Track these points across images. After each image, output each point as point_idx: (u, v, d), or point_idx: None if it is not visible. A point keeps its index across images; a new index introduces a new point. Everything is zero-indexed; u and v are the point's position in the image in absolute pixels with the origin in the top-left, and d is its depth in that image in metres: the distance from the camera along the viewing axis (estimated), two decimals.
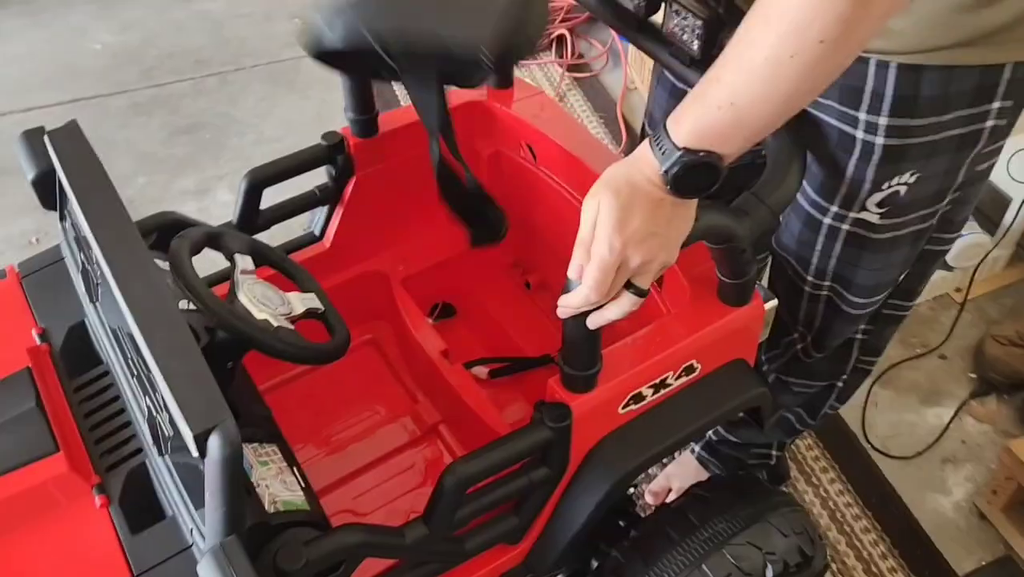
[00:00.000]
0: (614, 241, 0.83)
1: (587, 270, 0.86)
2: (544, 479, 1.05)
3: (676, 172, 0.81)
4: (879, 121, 0.99)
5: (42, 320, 1.08)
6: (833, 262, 1.16)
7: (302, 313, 1.07)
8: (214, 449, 0.75)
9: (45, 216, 2.22)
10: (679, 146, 0.80)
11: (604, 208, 0.84)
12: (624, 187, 0.84)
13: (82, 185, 0.94)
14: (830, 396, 1.40)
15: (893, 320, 1.29)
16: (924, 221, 1.11)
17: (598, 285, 0.86)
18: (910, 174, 1.03)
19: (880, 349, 1.35)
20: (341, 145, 1.36)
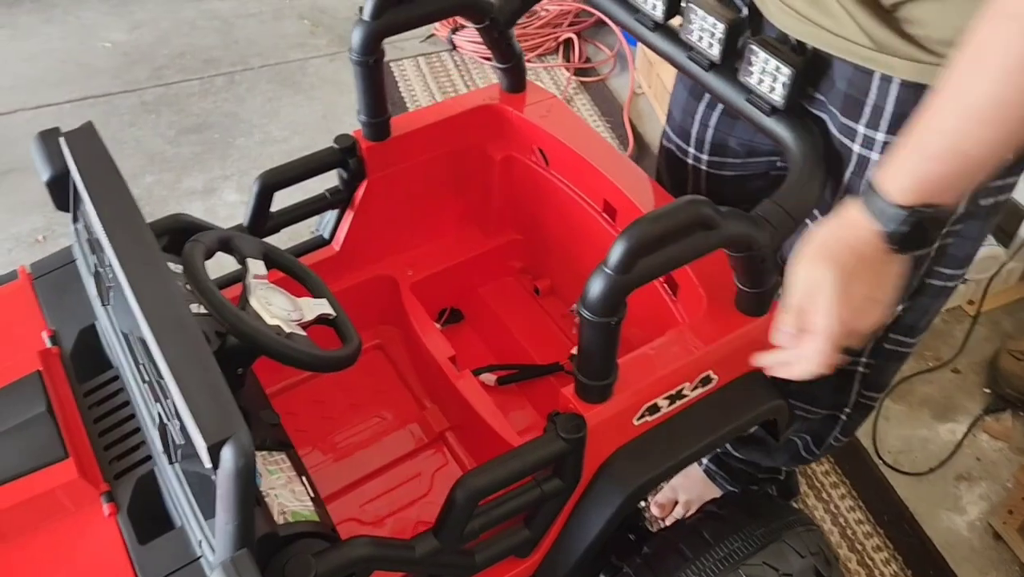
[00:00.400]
0: (843, 314, 0.82)
1: (810, 343, 0.85)
2: (556, 491, 1.04)
3: (904, 233, 0.79)
4: (876, 136, 0.97)
5: (53, 322, 1.06)
6: None
7: (314, 319, 1.06)
8: (227, 461, 0.73)
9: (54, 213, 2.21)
10: (899, 204, 0.78)
11: (828, 280, 0.82)
12: (845, 255, 0.82)
13: (97, 187, 0.93)
14: (834, 428, 1.37)
15: (895, 356, 1.25)
16: None
17: (826, 359, 0.85)
18: None
19: (883, 385, 1.31)
20: (353, 148, 1.34)
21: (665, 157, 1.38)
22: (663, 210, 0.90)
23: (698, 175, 1.32)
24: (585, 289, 0.90)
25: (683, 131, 1.31)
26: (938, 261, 1.11)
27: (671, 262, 0.90)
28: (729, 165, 1.28)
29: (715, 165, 1.29)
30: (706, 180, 1.31)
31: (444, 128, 1.41)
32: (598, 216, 1.36)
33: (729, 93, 1.07)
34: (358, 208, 1.39)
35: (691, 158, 1.31)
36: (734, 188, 1.30)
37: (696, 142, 1.28)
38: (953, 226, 1.06)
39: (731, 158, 1.26)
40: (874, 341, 1.22)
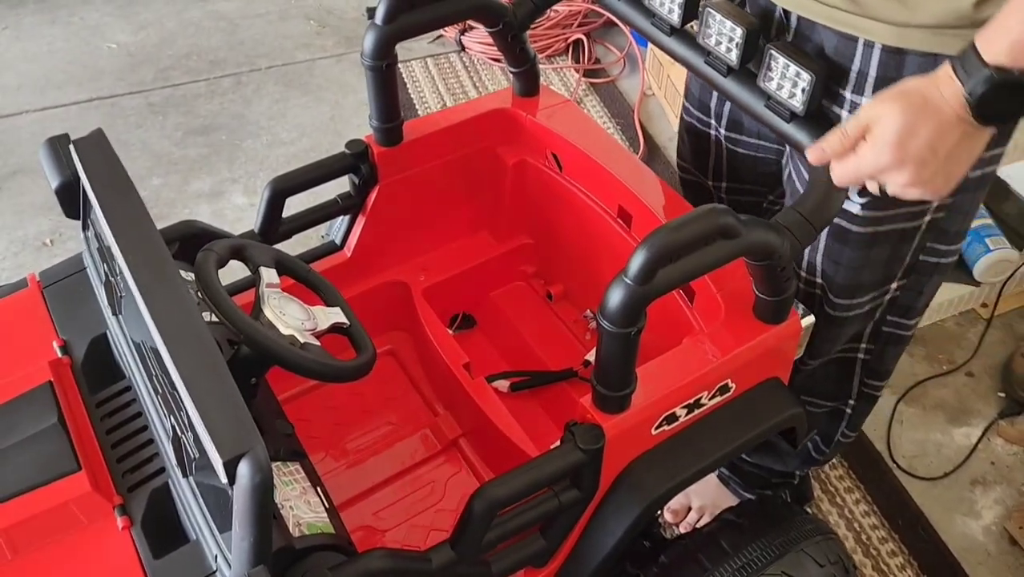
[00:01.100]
0: (893, 152, 0.80)
1: (847, 163, 0.85)
2: (574, 501, 1.03)
3: (983, 92, 0.76)
4: (861, 101, 0.98)
5: (63, 332, 1.05)
6: (819, 257, 1.14)
7: (327, 328, 1.05)
8: (243, 476, 0.72)
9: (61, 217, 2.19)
10: (990, 64, 0.76)
11: (891, 115, 0.80)
12: (917, 99, 0.80)
13: (107, 195, 0.92)
14: (841, 423, 1.37)
15: (894, 340, 1.25)
16: (908, 221, 1.08)
17: (846, 181, 0.87)
18: None
19: (884, 373, 1.31)
20: (365, 154, 1.33)
21: (686, 130, 1.39)
22: (684, 219, 0.89)
23: (719, 146, 1.33)
24: (604, 299, 0.89)
25: (702, 104, 1.32)
26: (931, 237, 1.11)
27: (692, 272, 0.89)
28: (743, 143, 1.29)
29: (731, 141, 1.30)
30: (727, 153, 1.32)
31: (456, 132, 1.40)
32: (612, 221, 1.35)
33: (747, 99, 1.06)
34: (370, 213, 1.38)
35: (712, 129, 1.32)
36: (750, 165, 1.31)
37: (715, 115, 1.30)
38: (947, 199, 1.06)
39: (745, 136, 1.28)
40: (872, 326, 1.23)
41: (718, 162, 1.35)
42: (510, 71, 1.41)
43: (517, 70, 1.39)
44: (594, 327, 1.51)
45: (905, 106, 0.80)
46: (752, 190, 1.35)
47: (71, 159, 1.03)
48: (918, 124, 0.80)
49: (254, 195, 2.26)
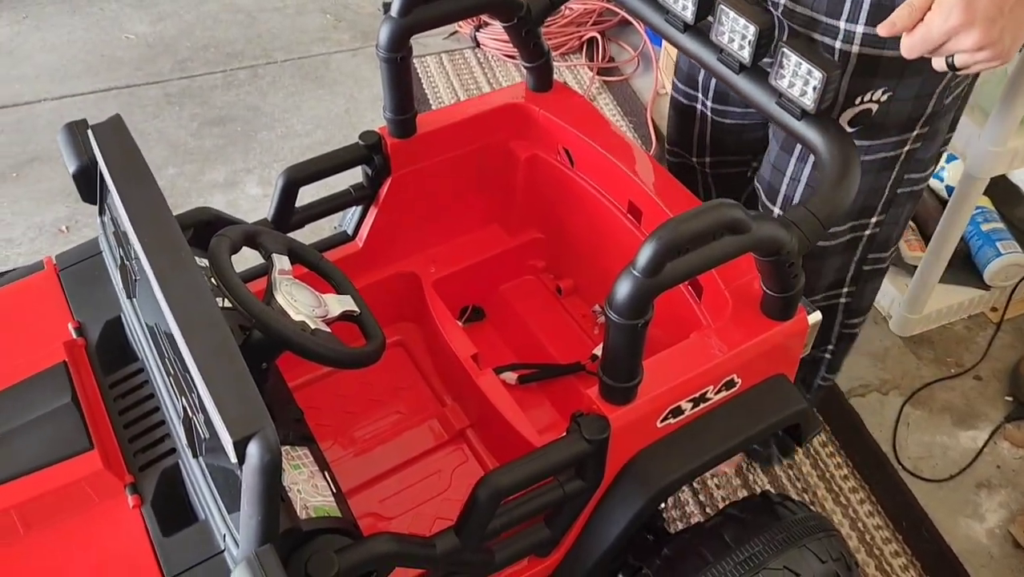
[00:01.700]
0: (962, 12, 0.83)
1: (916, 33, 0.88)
2: (578, 491, 1.03)
3: None
4: (856, 29, 1.03)
5: (78, 314, 1.07)
6: (800, 188, 1.19)
7: (338, 316, 1.06)
8: (253, 457, 0.73)
9: (77, 204, 2.24)
10: None
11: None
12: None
13: (125, 180, 0.93)
14: (819, 369, 1.40)
15: (874, 275, 1.32)
16: (893, 149, 1.14)
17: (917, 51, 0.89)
18: (882, 91, 1.07)
19: (864, 309, 1.37)
20: (378, 145, 1.34)
21: (672, 107, 1.44)
22: (692, 212, 0.90)
23: (704, 121, 1.37)
24: (612, 291, 0.90)
25: (690, 78, 1.37)
26: (906, 168, 1.18)
27: (700, 265, 0.90)
28: (731, 114, 1.33)
29: (718, 113, 1.34)
30: (711, 127, 1.37)
31: (470, 126, 1.41)
32: (623, 217, 1.36)
33: (759, 96, 1.07)
34: (382, 205, 1.39)
35: (699, 103, 1.36)
36: (735, 136, 1.35)
37: (702, 88, 1.34)
38: (921, 128, 1.13)
39: (732, 107, 1.32)
40: (854, 267, 1.29)
41: (702, 137, 1.39)
42: (524, 66, 1.42)
43: (531, 65, 1.40)
44: (602, 322, 1.52)
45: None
46: (736, 161, 1.39)
47: (89, 144, 1.05)
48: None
49: (268, 186, 2.28)
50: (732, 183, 1.47)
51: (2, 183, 2.25)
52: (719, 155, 1.41)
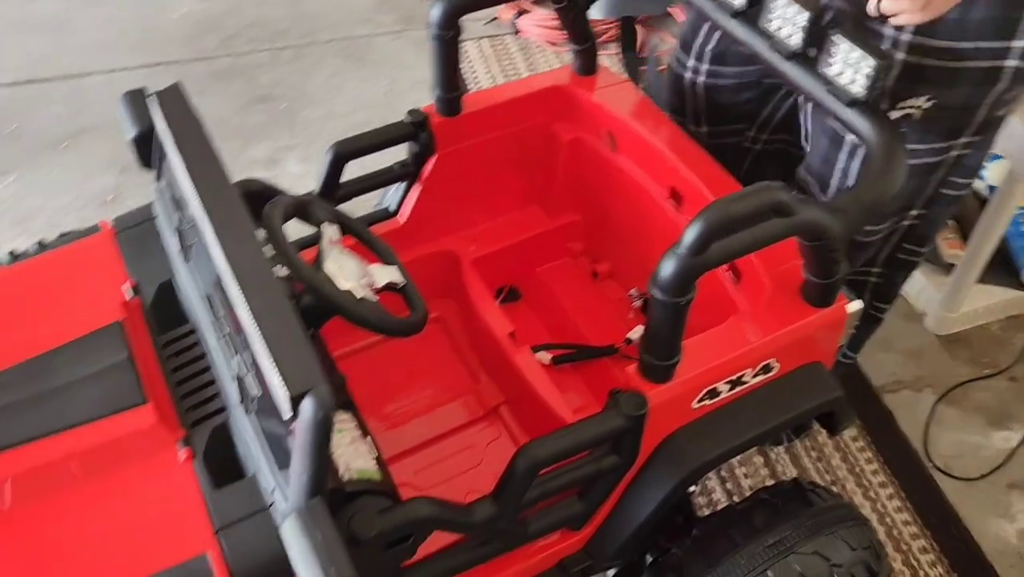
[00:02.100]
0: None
1: None
2: (613, 467, 1.05)
3: None
4: (901, 37, 1.06)
5: (134, 275, 1.10)
6: (850, 183, 1.21)
7: (383, 286, 1.09)
8: (307, 412, 0.76)
9: (123, 175, 2.29)
10: None
11: None
12: None
13: (185, 145, 0.96)
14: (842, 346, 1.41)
15: (907, 265, 1.35)
16: (938, 155, 1.16)
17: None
18: (926, 99, 1.09)
19: (891, 295, 1.39)
20: (425, 123, 1.37)
21: (670, 74, 1.47)
22: (739, 194, 0.91)
23: (699, 88, 1.41)
24: (657, 269, 0.91)
25: (685, 44, 1.40)
26: (953, 172, 1.21)
27: (745, 246, 0.91)
28: (726, 74, 1.36)
29: (713, 75, 1.37)
30: (706, 92, 1.40)
31: (514, 107, 1.43)
32: (664, 202, 1.37)
33: (807, 83, 1.07)
34: (425, 182, 1.41)
35: (689, 71, 1.40)
36: (731, 99, 1.38)
37: (697, 54, 1.37)
38: (972, 136, 1.16)
39: (729, 66, 1.35)
40: (887, 251, 1.31)
41: (697, 104, 1.43)
42: (571, 48, 1.43)
43: (578, 48, 1.41)
44: (638, 306, 1.53)
45: None
46: (732, 130, 1.42)
47: (148, 112, 1.08)
48: None
49: (309, 164, 2.31)
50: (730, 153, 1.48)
51: (53, 152, 2.31)
52: (715, 124, 1.43)
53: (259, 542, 0.87)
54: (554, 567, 1.15)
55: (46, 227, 2.12)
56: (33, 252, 1.15)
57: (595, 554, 1.16)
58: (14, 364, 0.99)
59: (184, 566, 0.86)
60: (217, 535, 0.87)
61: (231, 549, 0.87)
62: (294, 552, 0.77)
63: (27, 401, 0.95)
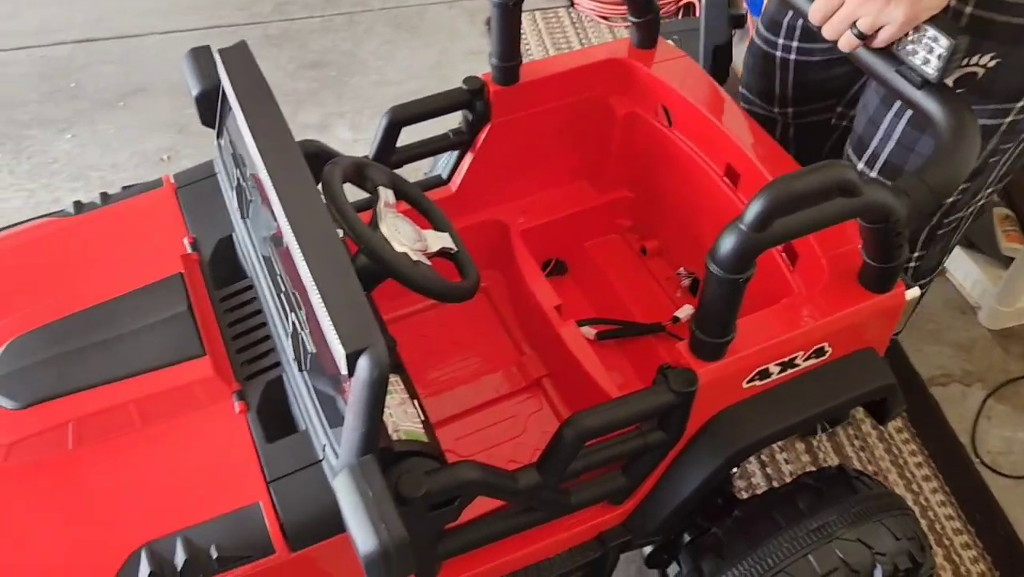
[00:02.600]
0: None
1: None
2: (659, 443, 1.05)
3: None
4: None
5: (193, 230, 1.12)
6: (890, 145, 1.17)
7: (436, 252, 1.09)
8: (363, 370, 0.77)
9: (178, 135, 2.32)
10: None
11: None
12: None
13: (250, 104, 0.97)
14: None
15: (945, 239, 1.31)
16: (994, 117, 1.11)
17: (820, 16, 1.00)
18: (990, 57, 1.05)
19: (931, 271, 1.36)
20: (481, 91, 1.36)
21: (754, 55, 1.43)
22: (805, 171, 0.89)
23: (788, 66, 1.37)
24: (715, 244, 0.90)
25: (774, 23, 1.36)
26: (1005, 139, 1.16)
27: (808, 225, 0.89)
28: (818, 51, 1.32)
29: (804, 52, 1.34)
30: (795, 70, 1.37)
31: (571, 78, 1.42)
32: (719, 180, 1.35)
33: (877, 64, 1.04)
34: (479, 151, 1.41)
35: (780, 49, 1.36)
36: (822, 76, 1.34)
37: (787, 30, 1.34)
38: None
39: (820, 42, 1.30)
40: (927, 232, 1.28)
41: (784, 84, 1.39)
42: (630, 20, 1.41)
43: (638, 20, 1.40)
44: (686, 285, 1.52)
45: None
46: (821, 108, 1.38)
47: (212, 69, 1.09)
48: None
49: (359, 131, 2.32)
50: (815, 132, 1.44)
51: (110, 111, 2.35)
52: (803, 103, 1.39)
53: (310, 495, 0.89)
54: (593, 540, 1.16)
55: (102, 185, 2.17)
56: (97, 204, 1.17)
57: (634, 529, 1.16)
58: (78, 311, 1.02)
59: (237, 514, 0.88)
60: (269, 486, 0.89)
61: (282, 500, 0.89)
62: (345, 506, 0.78)
63: (90, 348, 0.97)
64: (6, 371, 0.95)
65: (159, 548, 0.85)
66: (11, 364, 0.96)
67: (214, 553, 0.85)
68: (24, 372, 0.95)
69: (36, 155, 2.25)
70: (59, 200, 2.14)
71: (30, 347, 0.97)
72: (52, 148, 2.26)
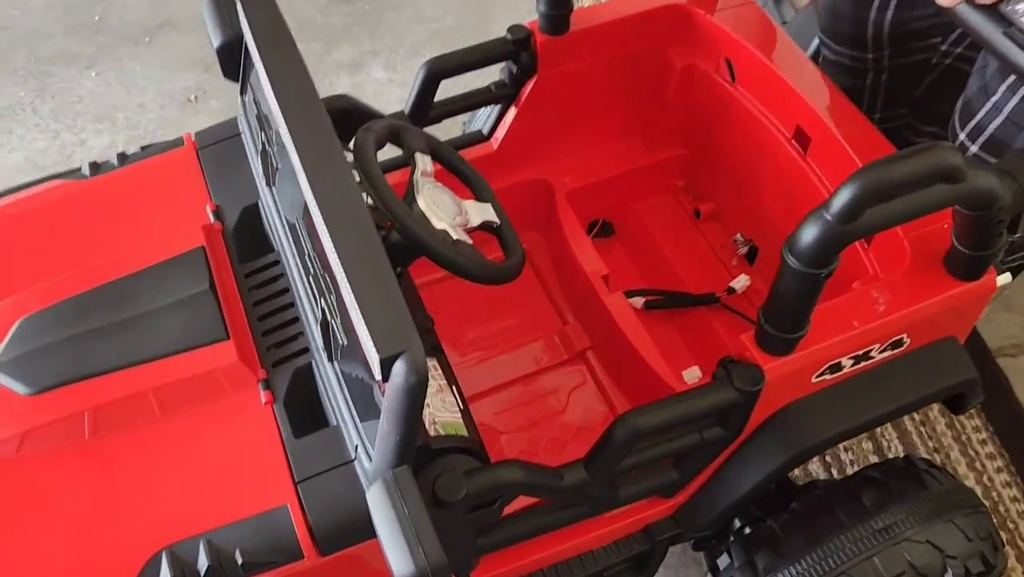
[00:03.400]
0: None
1: None
2: (716, 439, 0.97)
3: None
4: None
5: (216, 196, 1.04)
6: (999, 120, 1.07)
7: (478, 225, 1.00)
8: (399, 376, 0.69)
9: (205, 74, 2.21)
10: None
11: None
12: None
13: (273, 61, 0.87)
14: None
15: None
16: None
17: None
18: None
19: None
20: (527, 41, 1.24)
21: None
22: (902, 154, 0.78)
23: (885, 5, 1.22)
24: (795, 234, 0.80)
25: None
26: None
27: (903, 215, 0.79)
28: None
29: None
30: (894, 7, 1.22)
31: (626, 27, 1.29)
32: (786, 143, 1.23)
33: (983, 26, 0.91)
34: (523, 106, 1.30)
35: None
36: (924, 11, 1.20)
37: None
38: None
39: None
40: None
41: (878, 26, 1.24)
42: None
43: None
44: (743, 253, 1.41)
45: None
46: (922, 47, 1.23)
47: (235, 18, 0.99)
48: None
49: (394, 71, 2.20)
50: (910, 76, 1.30)
51: (135, 47, 2.25)
52: (902, 42, 1.25)
53: (340, 496, 0.83)
54: (640, 532, 1.09)
55: (128, 126, 2.09)
56: (114, 164, 1.09)
57: (684, 523, 1.09)
58: (93, 287, 0.95)
59: (264, 516, 0.82)
60: (297, 487, 0.83)
61: (311, 502, 0.83)
62: (379, 522, 0.71)
63: (106, 329, 0.91)
64: (18, 353, 0.89)
65: (181, 551, 0.80)
66: (23, 345, 0.90)
67: (239, 558, 0.80)
68: (37, 354, 0.89)
69: (60, 93, 2.17)
70: (84, 142, 2.07)
71: (43, 327, 0.91)
72: (76, 86, 2.18)
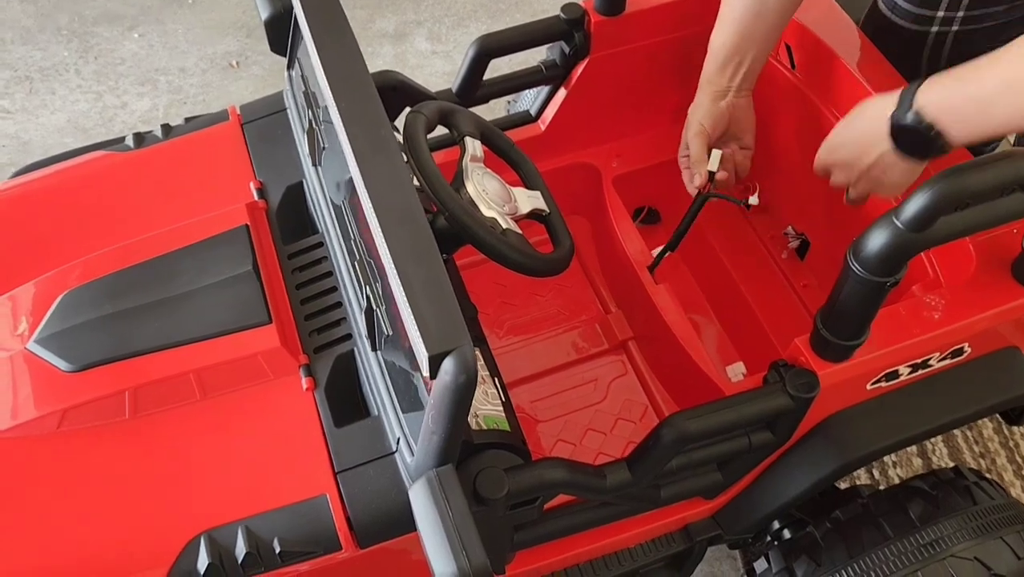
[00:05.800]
0: (822, 156, 1.03)
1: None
2: (764, 444, 0.94)
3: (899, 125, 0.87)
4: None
5: (260, 173, 1.02)
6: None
7: (527, 213, 0.97)
8: (447, 374, 0.67)
9: (247, 39, 2.19)
10: (915, 105, 0.84)
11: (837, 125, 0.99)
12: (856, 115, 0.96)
13: (324, 37, 0.84)
14: None
15: None
16: None
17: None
18: None
19: None
20: (581, 21, 1.20)
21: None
22: (979, 161, 0.74)
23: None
24: (862, 239, 0.77)
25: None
26: None
27: (978, 224, 0.75)
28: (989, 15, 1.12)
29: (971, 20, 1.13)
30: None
31: (683, 8, 1.24)
32: None
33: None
34: (573, 87, 1.26)
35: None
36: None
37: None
38: None
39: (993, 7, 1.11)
40: None
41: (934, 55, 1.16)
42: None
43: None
44: (793, 246, 1.37)
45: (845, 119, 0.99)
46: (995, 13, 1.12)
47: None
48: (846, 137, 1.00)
49: (438, 42, 2.17)
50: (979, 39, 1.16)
51: (178, 8, 2.23)
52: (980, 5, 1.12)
53: (381, 489, 0.82)
54: (679, 531, 1.07)
55: (170, 90, 2.08)
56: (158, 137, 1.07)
57: (726, 525, 1.07)
58: (137, 262, 0.94)
59: (302, 506, 0.81)
60: (337, 477, 0.82)
61: (351, 493, 0.81)
62: (421, 521, 0.70)
63: (148, 307, 0.90)
64: (59, 328, 0.89)
65: (219, 537, 0.79)
66: (65, 321, 0.89)
67: (276, 547, 0.79)
68: (79, 331, 0.88)
69: (103, 55, 2.16)
70: (126, 104, 2.06)
71: (85, 302, 0.90)
72: (119, 48, 2.17)
